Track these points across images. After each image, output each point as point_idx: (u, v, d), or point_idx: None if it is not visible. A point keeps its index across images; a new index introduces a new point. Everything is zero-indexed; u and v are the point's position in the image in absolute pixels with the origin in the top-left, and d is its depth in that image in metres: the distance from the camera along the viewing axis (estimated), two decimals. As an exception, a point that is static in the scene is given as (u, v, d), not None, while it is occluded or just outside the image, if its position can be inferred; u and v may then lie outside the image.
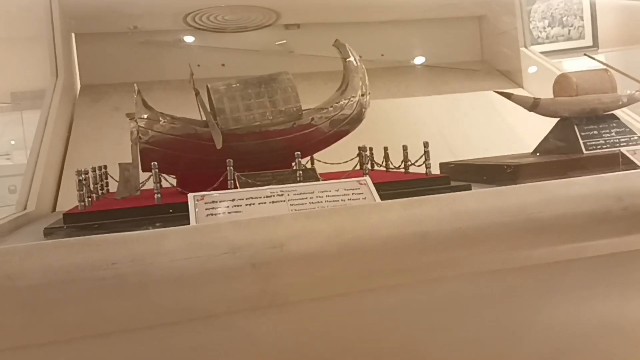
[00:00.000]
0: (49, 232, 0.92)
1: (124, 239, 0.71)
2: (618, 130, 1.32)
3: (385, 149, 1.37)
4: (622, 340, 1.05)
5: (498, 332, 0.95)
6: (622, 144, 1.28)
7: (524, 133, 1.93)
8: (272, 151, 1.20)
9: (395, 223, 0.79)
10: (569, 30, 5.47)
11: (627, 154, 1.07)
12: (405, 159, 1.26)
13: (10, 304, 0.67)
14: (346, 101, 1.26)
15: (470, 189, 1.10)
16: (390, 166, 1.35)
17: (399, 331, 0.89)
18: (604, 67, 1.37)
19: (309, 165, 1.39)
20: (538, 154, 1.39)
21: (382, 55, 2.34)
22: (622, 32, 5.06)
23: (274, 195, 0.93)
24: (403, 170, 1.28)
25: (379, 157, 1.43)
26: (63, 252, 0.69)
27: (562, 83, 1.34)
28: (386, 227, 0.79)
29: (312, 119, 1.23)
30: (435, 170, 1.45)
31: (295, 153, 1.08)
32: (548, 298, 0.92)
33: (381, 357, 0.94)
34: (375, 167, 1.44)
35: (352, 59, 1.30)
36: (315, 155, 1.41)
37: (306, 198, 0.93)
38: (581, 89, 1.31)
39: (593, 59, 1.40)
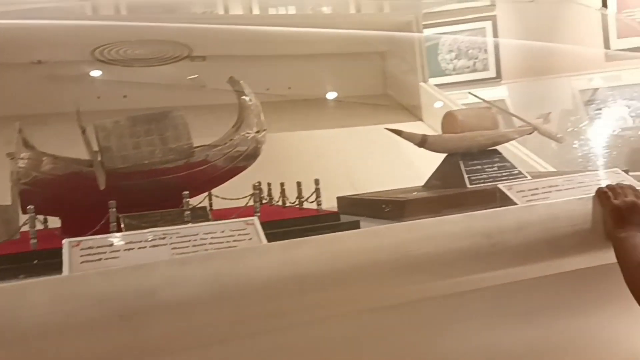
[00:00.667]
0: None
1: (-19, 293, 0.67)
2: (500, 164, 1.40)
3: (282, 184, 1.38)
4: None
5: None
6: (503, 178, 1.36)
7: (424, 166, 2.00)
8: (163, 190, 1.18)
9: (273, 266, 0.80)
10: (474, 62, 5.78)
11: (504, 190, 1.14)
12: (299, 196, 1.28)
13: None
14: (241, 138, 1.27)
15: (359, 226, 1.13)
16: (287, 202, 1.36)
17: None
18: (487, 104, 1.46)
19: (206, 202, 1.38)
20: (427, 188, 1.45)
21: (289, 88, 2.38)
22: (523, 64, 5.40)
23: (155, 239, 0.92)
24: (297, 206, 1.29)
25: (278, 192, 1.44)
26: None
27: (448, 120, 1.41)
28: (265, 270, 0.79)
29: (207, 156, 1.23)
30: (334, 203, 1.48)
31: (183, 193, 1.07)
32: (425, 332, 0.96)
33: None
34: (273, 203, 1.45)
35: (246, 96, 1.31)
36: (215, 191, 1.40)
37: (189, 241, 0.92)
38: (465, 126, 1.38)
39: (476, 97, 1.48)
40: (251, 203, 1.34)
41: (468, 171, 1.35)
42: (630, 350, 1.40)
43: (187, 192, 1.08)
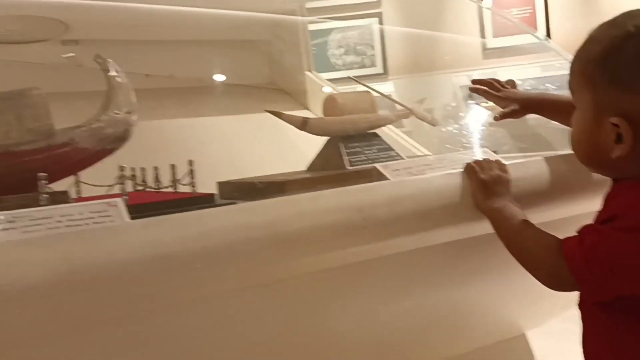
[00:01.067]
0: None
1: None
2: (379, 147, 1.42)
3: (156, 168, 1.31)
4: (376, 339, 1.12)
5: (257, 347, 0.95)
6: (382, 160, 1.38)
7: (309, 150, 2.01)
8: (21, 173, 1.08)
9: (134, 246, 0.75)
10: (362, 59, 5.92)
11: (380, 169, 1.15)
12: (174, 178, 1.22)
13: None
14: (108, 118, 1.19)
15: (235, 207, 1.09)
16: (161, 187, 1.30)
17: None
18: (367, 89, 1.48)
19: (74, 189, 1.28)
20: (311, 171, 1.44)
21: (172, 75, 2.28)
22: (408, 61, 5.60)
23: (3, 222, 0.83)
24: (172, 190, 1.24)
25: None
26: None
27: (329, 103, 1.41)
28: (124, 251, 0.74)
29: (70, 137, 1.14)
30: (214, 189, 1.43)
31: (39, 174, 0.98)
32: (302, 309, 0.94)
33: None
34: (148, 189, 1.38)
35: (115, 74, 1.23)
36: (87, 178, 1.30)
37: (41, 225, 0.84)
38: (346, 109, 1.39)
39: (357, 81, 1.50)
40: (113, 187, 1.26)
41: (348, 153, 1.36)
42: (505, 318, 1.49)
43: (43, 174, 0.99)
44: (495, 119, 1.14)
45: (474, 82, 1.19)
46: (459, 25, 5.50)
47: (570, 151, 1.06)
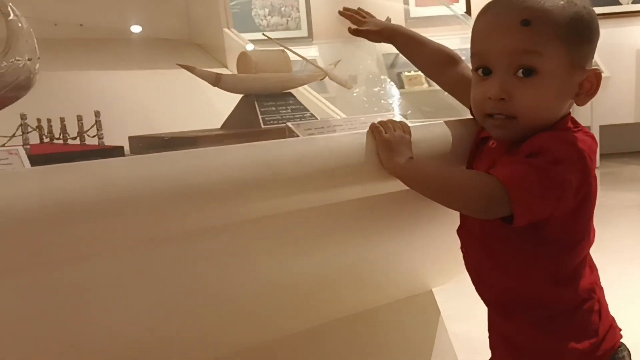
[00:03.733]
0: None
1: None
2: (294, 107, 1.44)
3: (62, 119, 1.27)
4: (288, 293, 1.16)
5: (161, 305, 0.96)
6: (296, 119, 1.40)
7: (225, 109, 1.99)
8: None
9: (32, 194, 0.73)
10: (287, 21, 5.86)
11: (292, 127, 1.17)
12: (81, 130, 1.18)
13: None
14: (8, 65, 1.13)
15: (143, 160, 1.08)
16: (68, 139, 1.25)
17: (59, 310, 0.83)
18: (282, 48, 1.48)
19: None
20: (225, 128, 1.44)
21: (81, 25, 2.18)
22: (333, 26, 5.60)
23: None
24: (80, 142, 1.20)
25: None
26: None
27: (242, 61, 1.40)
28: (21, 198, 0.72)
29: (-36, 83, 1.07)
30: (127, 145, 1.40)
31: None
32: (210, 264, 0.96)
33: (43, 339, 0.88)
34: (55, 142, 1.33)
35: (14, 18, 1.16)
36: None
37: None
38: (260, 67, 1.39)
39: (269, 37, 1.50)
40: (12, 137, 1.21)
41: (263, 112, 1.37)
42: (413, 275, 1.56)
43: None
44: (349, 30, 1.23)
45: (344, 9, 1.29)
46: (385, -10, 5.54)
47: (469, 116, 1.12)
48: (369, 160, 1.00)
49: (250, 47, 2.29)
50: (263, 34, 1.56)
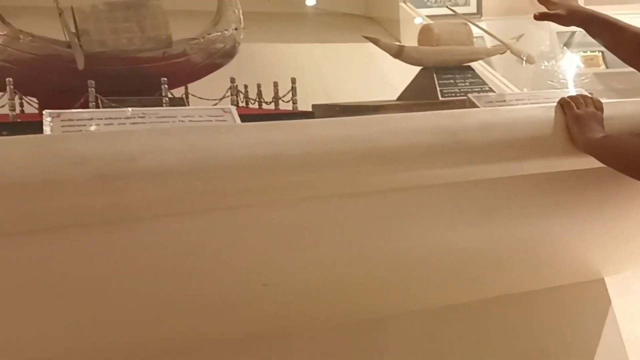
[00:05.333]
0: None
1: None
2: (472, 80, 1.44)
3: (259, 85, 1.40)
4: (456, 263, 1.18)
5: (347, 253, 1.04)
6: (474, 93, 1.40)
7: (399, 82, 2.03)
8: (140, 78, 1.19)
9: (248, 144, 0.83)
10: (456, -4, 5.72)
11: (473, 99, 1.18)
12: (276, 96, 1.30)
13: None
14: (219, 33, 1.27)
15: (332, 124, 1.17)
16: (263, 104, 1.38)
17: (252, 250, 0.95)
18: (464, 21, 1.48)
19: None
20: (402, 100, 1.48)
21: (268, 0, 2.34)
22: (504, 2, 5.35)
23: (134, 117, 0.94)
24: (274, 106, 1.32)
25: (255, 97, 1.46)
26: None
27: (425, 33, 1.43)
28: (240, 147, 0.83)
29: (184, 49, 1.23)
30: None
31: (162, 79, 1.09)
32: (389, 222, 1.02)
33: (239, 276, 1.00)
34: (250, 105, 1.47)
35: (226, -9, 1.30)
36: (191, 91, 1.41)
37: (168, 122, 0.94)
38: (442, 40, 1.41)
39: (453, 11, 1.50)
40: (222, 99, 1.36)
41: (441, 84, 1.39)
42: (585, 260, 1.50)
43: (165, 79, 1.09)
44: (535, 16, 1.12)
45: None
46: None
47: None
48: (557, 134, 0.99)
49: (418, 20, 2.30)
50: (447, 6, 1.56)
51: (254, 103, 1.42)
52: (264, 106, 1.38)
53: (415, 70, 1.51)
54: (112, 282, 0.86)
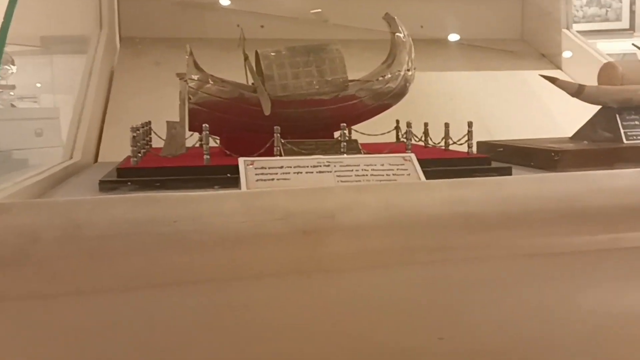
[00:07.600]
0: (107, 186, 0.96)
1: (185, 199, 0.74)
2: (660, 123, 1.32)
3: (426, 124, 1.38)
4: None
5: (532, 314, 0.98)
6: (663, 137, 1.28)
7: (559, 117, 1.92)
8: (316, 120, 1.22)
9: (441, 202, 0.82)
10: (607, 11, 5.34)
11: (670, 148, 1.08)
12: (446, 137, 1.28)
13: (77, 252, 0.72)
14: (392, 75, 1.28)
15: (511, 172, 1.12)
16: (430, 142, 1.36)
17: (436, 305, 0.93)
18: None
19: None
20: (577, 140, 1.40)
21: (422, 27, 2.32)
22: (661, 16, 4.92)
23: (320, 166, 0.96)
24: (443, 147, 1.29)
25: (415, 132, 1.44)
26: (129, 206, 0.72)
27: (608, 71, 1.33)
28: (433, 205, 0.82)
29: (358, 91, 1.25)
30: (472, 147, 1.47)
31: (341, 124, 1.11)
32: (583, 285, 0.95)
33: (418, 328, 0.98)
34: (413, 142, 1.46)
35: (400, 33, 1.31)
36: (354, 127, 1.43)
37: (352, 170, 0.96)
38: (626, 79, 1.31)
39: (638, 47, 1.39)
40: (397, 140, 1.36)
41: (625, 126, 1.29)
42: None
43: (344, 124, 1.11)
44: None
45: None
46: None
47: None
48: None
49: (588, 51, 2.16)
50: (633, 44, 1.45)
51: (419, 141, 1.41)
52: (430, 145, 1.36)
53: (575, 104, 1.42)
54: (299, 330, 0.89)
